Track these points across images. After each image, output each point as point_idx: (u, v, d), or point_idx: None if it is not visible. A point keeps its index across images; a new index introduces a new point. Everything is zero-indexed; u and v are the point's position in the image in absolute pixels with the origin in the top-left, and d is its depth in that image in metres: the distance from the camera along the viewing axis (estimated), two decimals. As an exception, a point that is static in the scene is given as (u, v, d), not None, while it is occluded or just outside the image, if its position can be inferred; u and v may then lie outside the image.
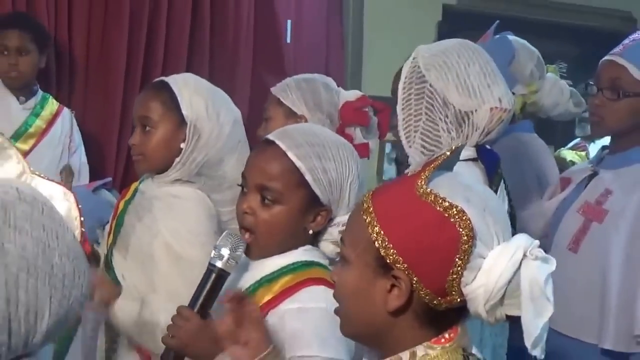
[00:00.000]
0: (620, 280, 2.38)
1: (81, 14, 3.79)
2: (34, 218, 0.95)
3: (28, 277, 0.91)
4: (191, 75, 2.41)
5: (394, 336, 1.26)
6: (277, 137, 1.80)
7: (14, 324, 0.90)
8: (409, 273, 1.19)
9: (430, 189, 1.21)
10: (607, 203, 2.47)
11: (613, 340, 2.37)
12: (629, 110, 2.47)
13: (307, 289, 1.73)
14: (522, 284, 1.16)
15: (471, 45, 2.12)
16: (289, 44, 4.48)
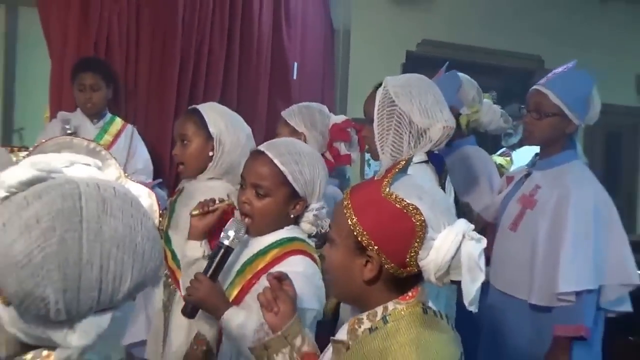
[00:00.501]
0: (545, 251, 2.45)
1: (145, 56, 3.88)
2: (124, 209, 0.97)
3: (117, 252, 0.94)
4: (215, 103, 2.54)
5: (369, 298, 1.34)
6: (266, 148, 1.95)
7: (103, 284, 0.93)
8: (379, 253, 1.28)
9: (392, 191, 1.30)
10: (537, 195, 2.54)
11: (538, 297, 2.43)
12: (549, 127, 2.52)
13: (290, 259, 1.87)
14: (462, 258, 1.25)
15: (427, 80, 2.21)
16: (295, 80, 4.59)
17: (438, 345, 1.26)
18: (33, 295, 0.89)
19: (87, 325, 0.93)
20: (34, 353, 0.96)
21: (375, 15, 5.52)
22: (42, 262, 0.88)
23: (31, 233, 0.89)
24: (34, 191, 0.92)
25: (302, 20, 4.72)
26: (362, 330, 1.31)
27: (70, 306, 0.90)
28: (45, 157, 0.99)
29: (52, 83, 3.74)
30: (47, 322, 0.92)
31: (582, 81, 2.55)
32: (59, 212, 0.90)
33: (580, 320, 2.36)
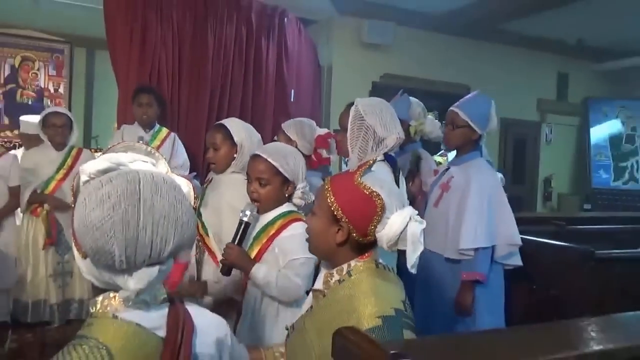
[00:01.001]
0: (454, 221, 2.46)
1: (184, 84, 3.88)
2: (170, 192, 0.97)
3: (164, 222, 0.94)
4: (236, 118, 2.50)
5: (338, 257, 1.32)
6: (260, 152, 1.97)
7: (153, 245, 0.93)
8: (348, 224, 1.27)
9: (362, 181, 1.29)
10: (451, 182, 2.56)
11: (450, 252, 2.45)
12: (461, 135, 2.53)
13: (292, 224, 1.89)
14: (408, 234, 1.25)
15: (386, 103, 2.19)
16: (292, 102, 4.57)
17: (388, 289, 1.26)
18: (103, 250, 0.92)
19: (141, 273, 0.95)
20: (103, 295, 0.99)
21: (349, 55, 5.54)
22: (111, 226, 0.91)
23: (104, 206, 0.91)
24: (106, 177, 0.95)
25: (297, 59, 4.71)
26: (333, 282, 1.30)
27: (130, 259, 0.93)
28: (116, 155, 1.02)
29: (119, 103, 3.74)
30: (113, 270, 0.94)
31: (483, 102, 2.55)
32: (123, 192, 0.93)
33: (477, 268, 2.36)
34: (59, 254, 3.36)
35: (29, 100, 6.35)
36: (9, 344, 3.35)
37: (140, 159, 1.04)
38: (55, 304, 3.37)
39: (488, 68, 6.13)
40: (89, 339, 0.91)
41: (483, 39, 6.15)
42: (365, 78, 5.56)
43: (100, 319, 0.96)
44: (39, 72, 6.39)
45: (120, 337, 0.93)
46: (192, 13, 3.87)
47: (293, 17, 4.63)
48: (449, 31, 5.87)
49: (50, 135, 3.34)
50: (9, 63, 6.23)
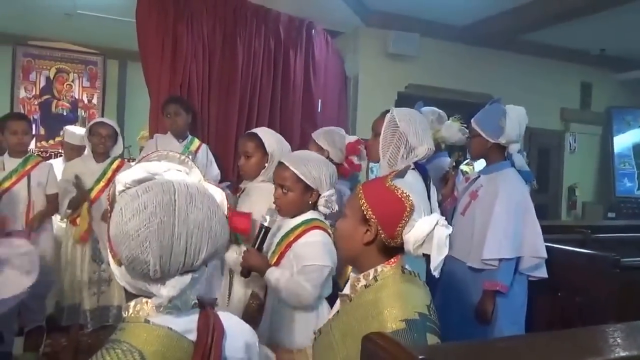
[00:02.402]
0: (478, 230, 2.45)
1: (214, 95, 3.88)
2: (204, 202, 0.97)
3: (198, 231, 0.94)
4: (266, 128, 2.54)
5: (365, 259, 1.32)
6: (284, 160, 1.99)
7: (187, 254, 0.94)
8: (377, 224, 1.29)
9: (393, 183, 1.32)
10: (479, 191, 2.56)
11: (473, 261, 2.44)
12: (476, 145, 2.57)
13: (311, 232, 1.90)
14: (433, 238, 1.25)
15: (421, 115, 2.19)
16: (319, 112, 4.57)
17: (413, 293, 1.26)
18: (139, 259, 0.92)
19: (174, 281, 0.96)
20: (136, 300, 1.01)
21: (375, 66, 5.55)
22: (147, 236, 0.92)
23: (140, 216, 0.92)
24: (142, 187, 0.96)
25: (324, 70, 4.70)
26: (360, 286, 1.31)
27: (164, 267, 0.94)
28: (151, 164, 1.02)
29: (151, 114, 3.74)
30: (147, 279, 0.96)
31: (494, 112, 2.54)
32: (159, 202, 0.93)
33: (499, 279, 2.35)
34: (96, 263, 3.37)
35: (64, 111, 6.52)
36: (43, 349, 3.37)
37: (174, 167, 1.04)
38: (88, 310, 3.39)
39: (511, 78, 6.07)
40: (121, 343, 0.92)
41: (506, 49, 6.09)
42: (391, 88, 5.55)
43: (133, 323, 0.97)
44: (74, 84, 6.56)
45: (152, 341, 0.93)
46: (222, 26, 3.89)
47: (320, 28, 4.63)
48: (472, 42, 5.84)
49: (94, 145, 3.33)
50: (45, 75, 6.41)
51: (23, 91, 6.28)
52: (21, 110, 5.96)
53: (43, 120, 6.31)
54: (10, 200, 3.15)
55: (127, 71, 6.82)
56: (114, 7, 4.93)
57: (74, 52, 6.53)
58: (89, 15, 5.24)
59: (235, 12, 3.97)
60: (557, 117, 6.83)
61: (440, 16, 5.41)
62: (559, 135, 6.93)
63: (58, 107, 6.50)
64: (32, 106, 6.30)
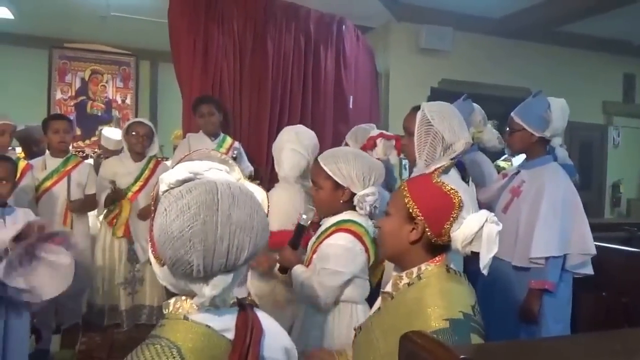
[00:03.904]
0: (524, 228, 2.41)
1: (246, 93, 3.88)
2: (246, 202, 0.98)
3: (240, 232, 0.95)
4: (300, 126, 2.62)
5: (409, 257, 1.31)
6: (320, 157, 1.99)
7: (229, 254, 0.95)
8: (424, 222, 1.27)
9: (440, 180, 1.31)
10: (522, 187, 2.51)
11: (519, 260, 2.41)
12: (518, 139, 2.51)
13: (336, 234, 1.86)
14: (483, 234, 1.23)
15: (453, 107, 2.09)
16: (351, 108, 4.51)
17: (457, 293, 1.24)
18: (183, 259, 0.93)
19: (217, 281, 0.96)
20: (176, 297, 1.02)
21: (407, 61, 5.52)
22: (190, 237, 0.92)
23: (184, 216, 0.93)
24: (186, 187, 0.96)
25: (355, 66, 4.63)
26: (402, 284, 1.29)
27: (207, 268, 0.94)
28: (193, 164, 1.02)
29: (184, 114, 3.78)
30: (190, 278, 0.96)
31: (538, 104, 2.48)
32: (202, 202, 0.93)
33: (547, 277, 2.32)
34: (131, 264, 3.45)
35: (99, 112, 6.70)
36: (79, 346, 3.48)
37: (216, 167, 1.04)
38: (124, 310, 3.46)
39: (549, 71, 5.94)
40: (161, 339, 0.94)
41: (543, 41, 5.95)
42: (424, 84, 5.50)
43: (172, 320, 0.99)
44: (107, 85, 6.73)
45: (190, 338, 0.95)
46: (252, 23, 3.91)
47: (351, 24, 4.61)
48: (507, 35, 5.73)
49: (131, 144, 3.40)
50: (80, 76, 6.60)
51: (59, 93, 6.48)
52: (58, 112, 6.13)
53: (79, 121, 6.49)
54: (50, 199, 3.25)
55: (159, 71, 6.95)
56: (146, 9, 5.03)
57: (107, 54, 6.69)
58: (122, 17, 5.36)
59: (265, 10, 3.98)
60: (599, 111, 6.65)
61: (474, 9, 5.33)
62: (602, 130, 6.74)
63: (93, 108, 6.68)
64: (68, 107, 6.49)
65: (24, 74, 6.23)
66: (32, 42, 6.21)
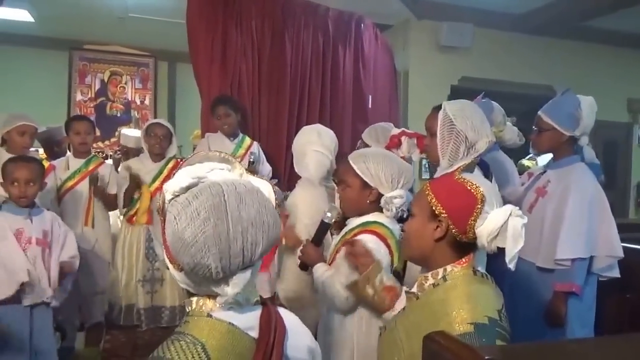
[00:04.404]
0: (549, 228, 2.38)
1: (264, 93, 3.90)
2: (253, 199, 0.98)
3: (252, 229, 0.96)
4: (320, 125, 2.63)
5: (434, 257, 1.30)
6: (350, 155, 1.99)
7: (245, 251, 0.96)
8: (448, 219, 1.27)
9: (462, 176, 1.31)
10: (548, 187, 2.48)
11: (543, 261, 2.38)
12: (547, 139, 2.47)
13: (360, 236, 1.83)
14: (508, 229, 1.22)
15: (475, 105, 2.07)
16: (370, 107, 4.49)
17: (484, 297, 1.22)
18: (200, 264, 0.94)
19: (237, 279, 0.97)
20: (196, 298, 1.03)
21: (426, 59, 5.49)
22: (204, 242, 0.93)
23: (195, 223, 0.93)
24: (191, 193, 0.97)
25: (374, 65, 4.60)
26: (427, 285, 1.29)
27: (225, 268, 0.95)
28: (194, 168, 1.02)
29: (202, 114, 3.80)
30: (210, 281, 0.97)
31: (569, 102, 2.43)
32: (210, 206, 0.94)
33: (573, 280, 2.28)
34: (149, 261, 3.51)
35: (118, 113, 6.79)
36: (103, 344, 3.52)
37: (217, 167, 1.04)
38: (142, 309, 3.51)
39: (572, 67, 5.85)
40: (185, 335, 0.96)
41: (567, 37, 5.86)
42: (444, 82, 5.47)
43: (196, 317, 1.01)
44: (126, 86, 6.81)
45: (214, 335, 0.96)
46: (270, 22, 3.92)
47: (369, 22, 4.59)
48: (530, 31, 5.66)
49: (151, 145, 3.48)
50: (99, 78, 6.70)
51: (79, 94, 6.59)
52: (78, 113, 6.22)
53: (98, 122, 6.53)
54: (73, 199, 3.33)
55: (177, 72, 7.01)
56: (164, 9, 5.08)
57: (126, 55, 6.78)
58: (140, 18, 5.44)
59: (283, 9, 3.99)
60: (623, 109, 6.54)
61: (495, 4, 5.28)
62: (627, 128, 6.63)
63: (112, 109, 6.78)
64: (88, 108, 6.59)
65: (45, 75, 6.34)
66: (52, 44, 6.32)
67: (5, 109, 3.41)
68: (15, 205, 2.49)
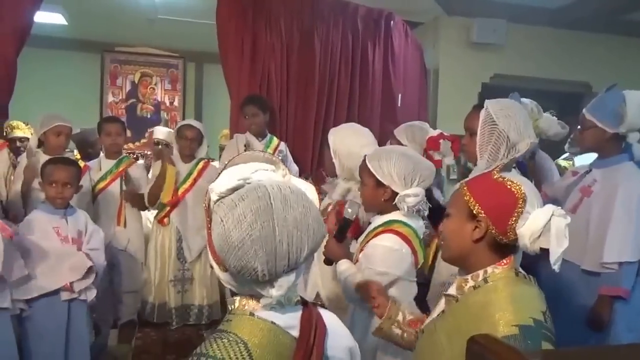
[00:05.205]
0: (595, 230, 2.35)
1: (293, 92, 3.96)
2: (298, 201, 0.99)
3: (297, 232, 0.98)
4: (344, 125, 2.60)
5: (473, 258, 1.28)
6: (366, 154, 2.00)
7: (290, 254, 0.97)
8: (487, 220, 1.24)
9: (501, 175, 1.28)
10: (593, 187, 2.44)
11: (589, 264, 2.35)
12: (590, 137, 2.44)
13: (383, 235, 1.86)
14: (551, 229, 1.19)
15: (518, 105, 2.03)
16: (399, 106, 4.49)
17: (527, 298, 1.20)
18: (247, 267, 0.96)
19: (282, 281, 0.99)
20: (239, 297, 1.06)
21: (457, 56, 5.39)
22: (251, 245, 0.95)
23: (242, 226, 0.95)
24: (238, 195, 0.98)
25: (403, 63, 4.63)
26: (467, 287, 1.27)
27: (271, 271, 0.97)
28: (239, 169, 1.04)
29: (232, 114, 3.86)
30: (255, 282, 0.99)
31: (612, 98, 2.38)
32: (257, 209, 0.96)
33: (621, 284, 2.23)
34: (180, 262, 3.58)
35: (148, 114, 6.90)
36: (135, 341, 3.63)
37: (262, 167, 1.06)
38: (173, 308, 3.59)
39: (613, 63, 5.61)
40: (228, 334, 0.98)
41: (605, 31, 5.66)
42: (474, 79, 5.38)
43: (239, 315, 1.02)
44: (156, 87, 6.92)
45: (256, 334, 0.98)
46: (299, 21, 3.95)
47: (399, 20, 4.58)
48: (566, 25, 5.49)
49: (181, 147, 3.56)
50: (130, 79, 6.82)
51: (111, 96, 6.72)
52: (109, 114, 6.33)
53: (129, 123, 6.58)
54: (105, 199, 3.42)
55: (204, 73, 7.09)
56: (193, 10, 5.13)
57: (156, 56, 6.89)
58: (168, 20, 5.50)
59: (312, 7, 4.02)
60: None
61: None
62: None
63: (142, 110, 6.89)
64: (119, 110, 6.72)
65: (77, 77, 6.46)
66: (84, 47, 6.45)
67: (40, 111, 3.51)
68: (51, 206, 2.57)
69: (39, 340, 2.39)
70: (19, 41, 3.30)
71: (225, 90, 3.92)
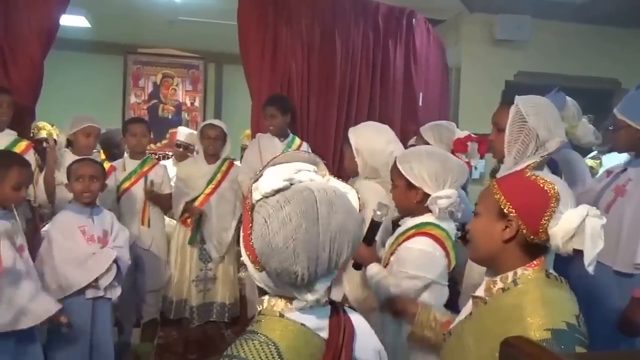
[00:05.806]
0: (628, 229, 2.31)
1: (314, 92, 3.94)
2: (342, 206, 0.99)
3: (339, 236, 0.97)
4: (365, 124, 2.58)
5: (503, 258, 1.25)
6: (397, 156, 2.00)
7: (331, 259, 0.97)
8: (518, 219, 1.21)
9: (533, 173, 1.26)
10: (628, 186, 2.40)
11: (621, 265, 2.31)
12: (622, 138, 2.42)
13: (415, 238, 1.84)
14: (585, 230, 1.17)
15: (550, 102, 2.01)
16: (421, 105, 4.47)
17: (560, 301, 1.17)
18: (288, 270, 0.95)
19: (318, 285, 0.99)
20: (267, 297, 1.04)
21: (480, 54, 5.35)
22: (295, 248, 0.94)
23: (287, 228, 0.94)
24: (283, 197, 0.97)
25: (425, 61, 4.61)
26: (496, 289, 1.24)
27: (311, 275, 0.97)
28: (283, 169, 1.02)
29: (253, 114, 3.87)
30: (293, 285, 0.99)
31: None
32: (302, 212, 0.95)
33: None
34: (202, 262, 3.62)
35: (169, 115, 6.98)
36: (157, 340, 3.70)
37: (304, 167, 1.05)
38: (194, 306, 3.61)
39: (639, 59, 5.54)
40: (258, 335, 0.97)
41: (634, 26, 5.54)
42: (498, 77, 5.32)
43: (268, 316, 1.02)
44: (178, 88, 7.00)
45: (286, 336, 0.97)
46: (320, 20, 3.94)
47: (421, 17, 4.55)
48: (593, 20, 5.39)
49: (205, 147, 3.59)
50: (152, 80, 6.91)
51: (133, 97, 6.83)
52: (132, 116, 6.45)
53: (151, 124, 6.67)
54: (129, 199, 3.47)
55: (223, 74, 7.13)
56: (213, 11, 5.18)
57: (177, 58, 6.96)
58: (189, 21, 5.56)
59: (333, 6, 4.01)
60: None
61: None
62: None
63: (164, 111, 6.97)
64: (141, 111, 6.83)
65: (100, 79, 6.59)
66: (107, 49, 6.57)
67: (65, 112, 3.57)
68: (78, 205, 2.62)
69: (64, 339, 2.42)
70: (46, 44, 3.36)
71: (244, 91, 3.93)
